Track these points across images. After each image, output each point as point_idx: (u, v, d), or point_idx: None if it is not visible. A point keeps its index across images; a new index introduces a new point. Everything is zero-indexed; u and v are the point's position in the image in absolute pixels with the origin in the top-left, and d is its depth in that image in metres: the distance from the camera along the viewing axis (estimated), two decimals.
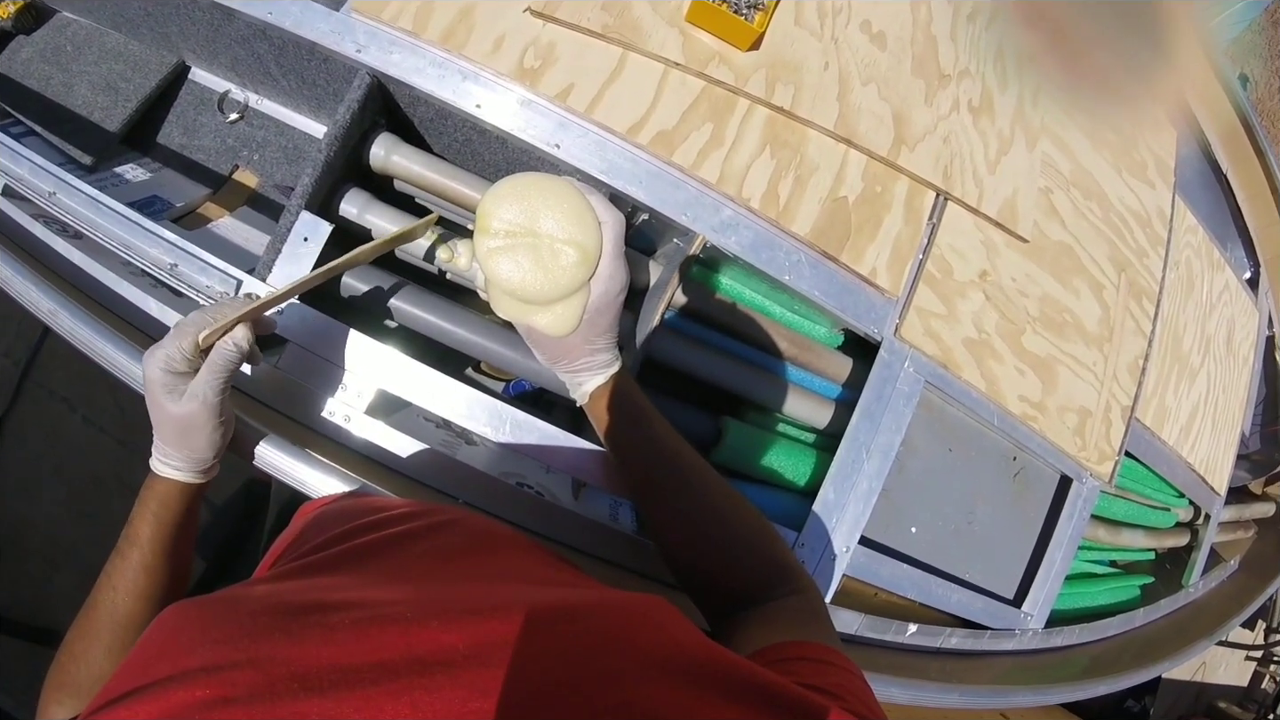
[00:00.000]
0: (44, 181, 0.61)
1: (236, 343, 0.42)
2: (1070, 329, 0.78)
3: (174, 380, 0.41)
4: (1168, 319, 0.92)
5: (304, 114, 0.91)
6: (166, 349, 0.40)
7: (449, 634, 0.25)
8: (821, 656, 0.34)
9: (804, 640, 0.36)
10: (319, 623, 0.25)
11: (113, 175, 0.89)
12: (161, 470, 0.43)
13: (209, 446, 0.43)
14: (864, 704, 0.30)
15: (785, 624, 0.40)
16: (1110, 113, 0.90)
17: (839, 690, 0.30)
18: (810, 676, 0.32)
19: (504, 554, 0.37)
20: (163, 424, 0.42)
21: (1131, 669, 0.90)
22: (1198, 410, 1.00)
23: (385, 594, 0.29)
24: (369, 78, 0.61)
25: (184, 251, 0.59)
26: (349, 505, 0.44)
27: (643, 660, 0.25)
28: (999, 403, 0.71)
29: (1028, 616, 0.80)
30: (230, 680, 0.23)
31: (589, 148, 0.58)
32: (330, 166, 0.61)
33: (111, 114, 0.88)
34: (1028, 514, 0.80)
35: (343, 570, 0.34)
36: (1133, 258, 0.88)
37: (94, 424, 1.34)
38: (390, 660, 0.24)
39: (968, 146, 0.71)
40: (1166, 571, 1.11)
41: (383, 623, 0.25)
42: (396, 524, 0.37)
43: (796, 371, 0.66)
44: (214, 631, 0.25)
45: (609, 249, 0.43)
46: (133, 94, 0.89)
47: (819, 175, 0.62)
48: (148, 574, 0.42)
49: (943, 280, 0.67)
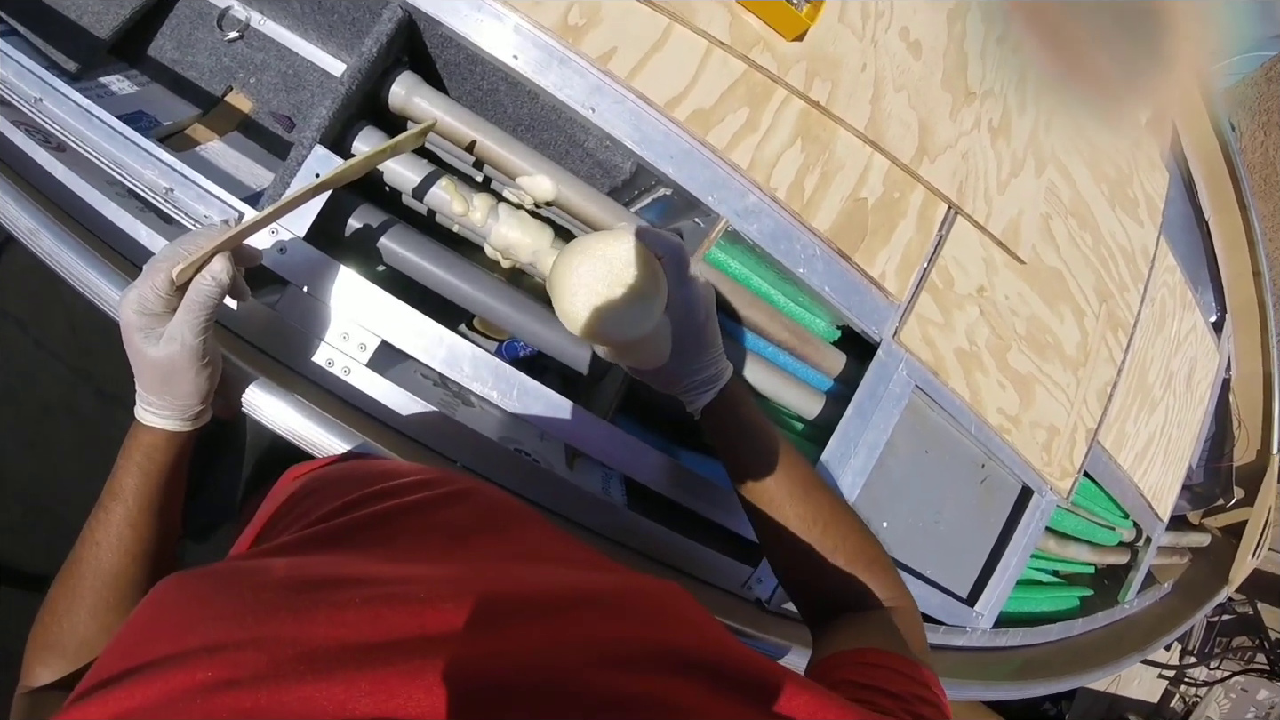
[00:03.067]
0: (30, 86, 0.55)
1: (215, 276, 0.38)
2: (1051, 351, 0.82)
3: (150, 322, 0.38)
4: (1138, 352, 0.98)
5: (311, 41, 0.87)
6: (139, 289, 0.37)
7: (463, 616, 0.24)
8: (903, 669, 0.34)
9: (896, 652, 0.36)
10: (327, 600, 0.24)
11: (98, 86, 0.83)
12: (146, 419, 0.40)
13: (194, 392, 0.40)
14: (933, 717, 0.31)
15: (875, 632, 0.40)
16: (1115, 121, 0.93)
17: (908, 697, 0.31)
18: (884, 682, 0.32)
19: (519, 531, 0.36)
20: (143, 370, 0.39)
21: (1066, 674, 0.96)
22: (1153, 439, 1.06)
23: (397, 571, 0.28)
24: (401, 11, 0.58)
25: (182, 176, 0.55)
26: (356, 470, 0.42)
27: (664, 650, 0.25)
28: (979, 413, 0.74)
29: (979, 615, 0.85)
30: (234, 661, 0.21)
31: (624, 115, 0.57)
32: (350, 100, 0.58)
33: (103, 19, 0.82)
34: (989, 519, 0.84)
35: (352, 543, 0.32)
36: (1115, 290, 0.92)
37: (45, 348, 1.26)
38: (402, 641, 0.23)
39: (983, 164, 0.72)
40: (1105, 587, 1.19)
41: (394, 602, 0.25)
42: (407, 493, 0.36)
43: (794, 362, 0.68)
44: (216, 608, 0.24)
45: (673, 278, 0.42)
46: (127, 0, 0.83)
47: (844, 174, 0.63)
48: (133, 529, 0.39)
49: (944, 291, 0.69)
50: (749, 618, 0.62)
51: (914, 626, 0.42)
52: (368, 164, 0.49)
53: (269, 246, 0.54)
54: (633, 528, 0.61)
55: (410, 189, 0.60)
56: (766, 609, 0.66)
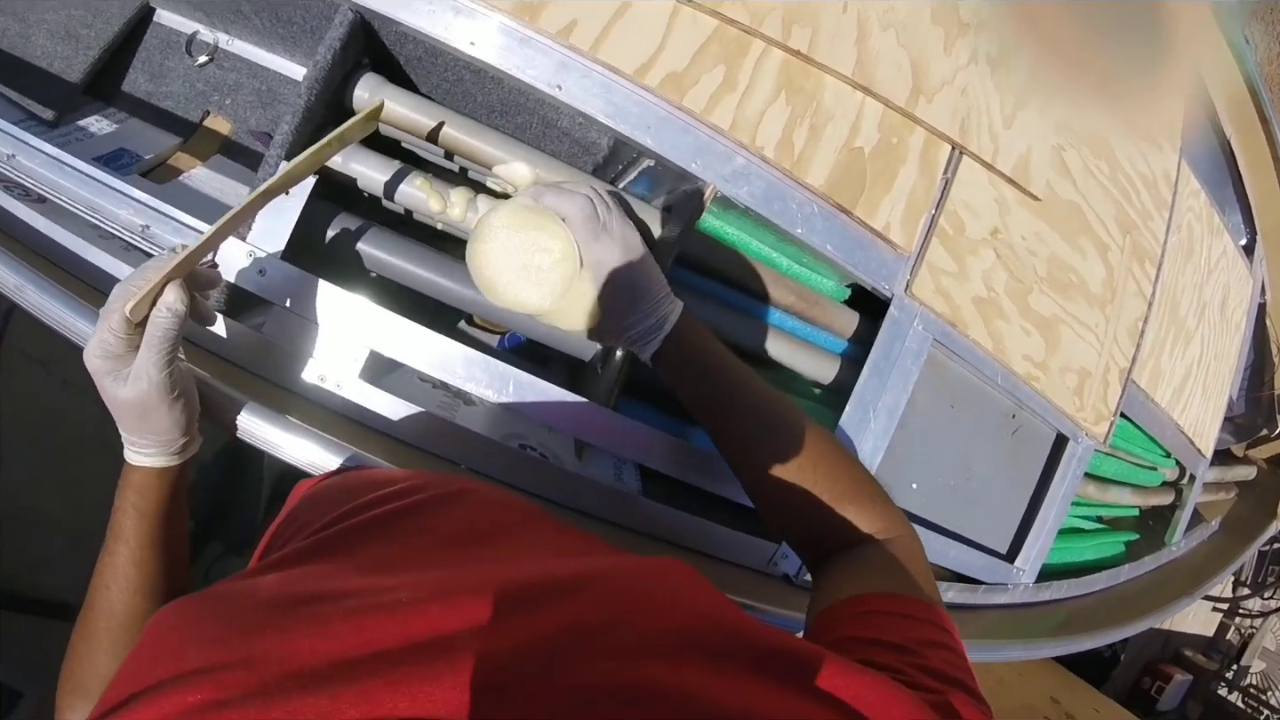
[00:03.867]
0: (2, 144, 0.56)
1: (169, 307, 0.37)
2: (1075, 290, 0.78)
3: (115, 365, 0.38)
4: (1167, 283, 0.92)
5: (278, 54, 0.85)
6: (99, 334, 0.37)
7: (448, 618, 0.24)
8: (904, 610, 0.33)
9: (889, 592, 0.34)
10: (313, 615, 0.24)
11: (77, 129, 0.83)
12: (133, 459, 0.41)
13: (172, 426, 0.40)
14: (945, 662, 0.29)
15: (871, 572, 0.38)
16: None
17: (915, 646, 0.29)
18: (887, 631, 0.31)
19: (513, 526, 0.35)
20: (119, 412, 0.39)
21: (1116, 624, 0.93)
22: (1190, 373, 1.01)
23: (382, 579, 0.27)
24: (351, 14, 0.56)
25: (155, 211, 0.55)
26: (349, 481, 0.41)
27: (659, 631, 0.24)
28: (1003, 362, 0.70)
29: (1020, 571, 0.82)
30: (223, 682, 0.22)
31: (593, 89, 0.55)
32: (311, 112, 0.57)
33: (73, 63, 0.81)
34: (1023, 471, 0.81)
35: (339, 554, 0.32)
36: (1138, 220, 0.87)
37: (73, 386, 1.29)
38: (388, 650, 0.23)
39: (984, 100, 0.68)
40: (1150, 529, 1.15)
41: (379, 611, 0.24)
42: (397, 499, 0.35)
43: (803, 326, 0.65)
44: (207, 630, 0.24)
45: (581, 236, 0.43)
46: (94, 40, 0.83)
47: (835, 124, 0.59)
48: (138, 569, 0.40)
49: (955, 237, 0.66)
50: (776, 595, 0.61)
51: (912, 556, 0.40)
52: (314, 160, 0.48)
53: (248, 268, 0.53)
54: (649, 515, 0.59)
55: (384, 191, 0.59)
56: (794, 584, 0.64)
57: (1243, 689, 2.65)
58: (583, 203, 0.43)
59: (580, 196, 0.44)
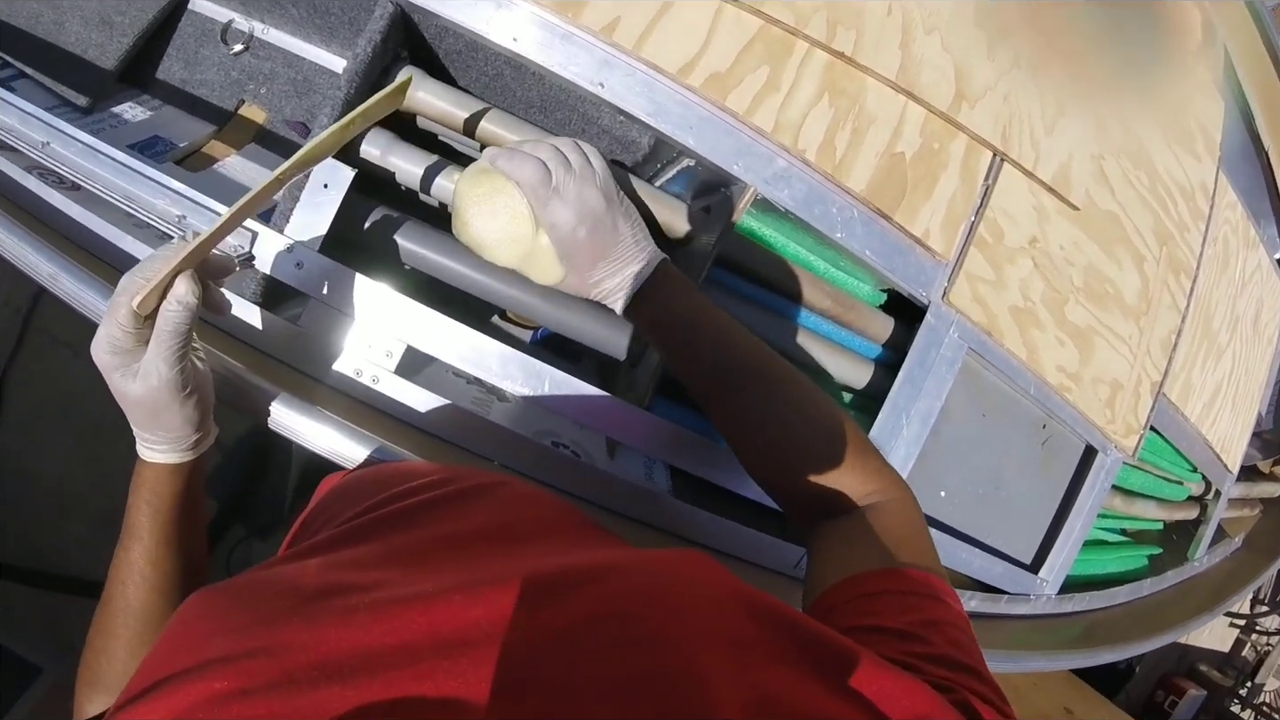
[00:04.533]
0: (36, 131, 0.55)
1: (180, 300, 0.36)
2: (1110, 301, 0.77)
3: (124, 360, 0.36)
4: (1202, 296, 0.91)
5: (314, 44, 0.85)
6: (106, 328, 0.36)
7: (473, 609, 0.24)
8: (901, 586, 0.31)
9: (886, 568, 0.33)
10: (339, 605, 0.25)
11: (111, 116, 0.84)
12: (146, 455, 0.40)
13: (184, 423, 0.39)
14: (950, 643, 0.28)
15: (865, 544, 0.36)
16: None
17: (918, 630, 0.28)
18: (886, 616, 0.30)
19: (542, 522, 0.35)
20: (129, 409, 0.38)
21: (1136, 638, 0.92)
22: (1220, 388, 0.99)
23: (410, 570, 0.28)
24: (392, 6, 0.56)
25: (191, 201, 0.55)
26: (379, 473, 0.41)
27: (682, 621, 0.24)
28: (1037, 372, 0.70)
29: (1044, 582, 0.81)
30: (247, 670, 0.22)
31: (636, 88, 0.54)
32: (350, 105, 0.57)
33: (107, 50, 0.82)
34: (1051, 481, 0.80)
35: (368, 544, 0.32)
36: (1174, 231, 0.86)
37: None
38: (413, 641, 0.23)
39: (1026, 106, 0.67)
40: (1173, 543, 1.13)
41: (404, 602, 0.24)
42: (424, 492, 0.35)
43: (838, 330, 0.64)
44: (232, 619, 0.24)
45: (534, 198, 0.44)
46: (129, 27, 0.83)
47: (877, 128, 0.59)
48: (153, 565, 0.39)
49: (994, 245, 0.65)
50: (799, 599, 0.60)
51: (906, 520, 0.38)
52: (338, 138, 0.47)
53: (285, 260, 0.53)
54: (678, 515, 0.59)
55: (420, 185, 0.59)
56: None
57: (1256, 706, 2.62)
58: (532, 167, 0.44)
59: (531, 160, 0.44)
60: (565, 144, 0.46)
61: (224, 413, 0.48)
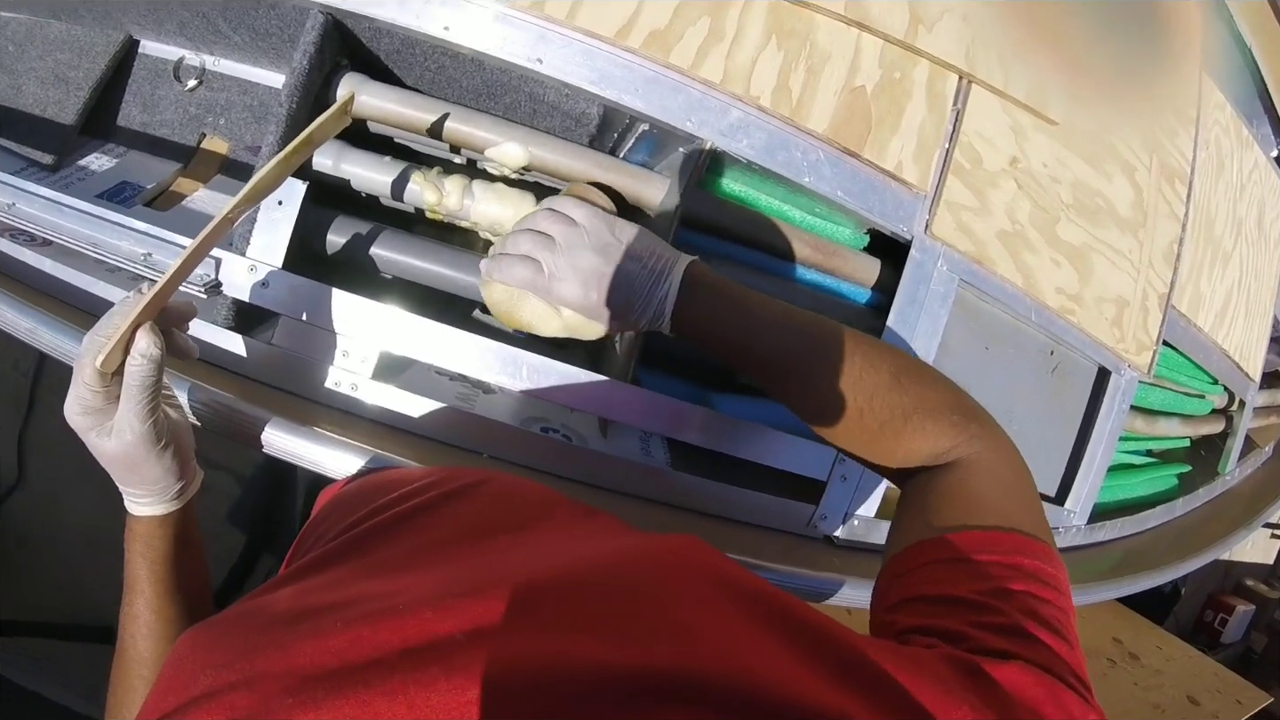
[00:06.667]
0: (1, 194, 0.56)
1: (143, 354, 0.36)
2: (1104, 215, 0.74)
3: (98, 419, 0.37)
4: (1200, 201, 0.87)
5: (264, 67, 0.85)
6: (75, 391, 0.36)
7: (443, 620, 0.24)
8: (980, 551, 0.29)
9: (967, 530, 0.30)
10: (312, 629, 0.24)
11: (77, 169, 0.84)
12: (133, 509, 0.40)
13: (164, 474, 0.39)
14: (1025, 612, 0.27)
15: (946, 506, 0.33)
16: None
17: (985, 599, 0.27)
18: (955, 584, 0.28)
19: (527, 516, 0.34)
20: (109, 466, 0.39)
21: (1175, 560, 0.90)
22: (1231, 295, 0.96)
23: (388, 583, 0.27)
24: (322, 16, 0.56)
25: (154, 239, 0.55)
26: (366, 485, 0.41)
27: (669, 618, 0.24)
28: (1036, 296, 0.67)
29: (1071, 513, 0.79)
30: (230, 704, 0.22)
31: (575, 58, 0.53)
32: (294, 119, 0.56)
33: (65, 106, 0.82)
34: (1066, 409, 0.78)
35: (349, 561, 0.31)
36: (1163, 138, 0.83)
37: None
38: (385, 657, 0.23)
39: (990, 22, 0.64)
40: (1202, 459, 1.10)
41: (376, 618, 0.24)
42: (412, 498, 0.35)
43: (823, 278, 0.63)
44: (216, 655, 0.25)
45: (535, 290, 0.45)
46: (83, 81, 0.83)
47: (832, 65, 0.57)
48: (157, 615, 0.40)
49: (972, 170, 0.63)
50: (818, 558, 0.59)
51: (993, 476, 0.35)
52: (282, 170, 0.46)
53: (251, 283, 0.53)
54: (680, 487, 0.58)
55: (380, 190, 0.58)
56: (837, 544, 0.63)
57: None
58: (520, 269, 0.44)
59: (516, 262, 0.44)
60: (542, 218, 0.45)
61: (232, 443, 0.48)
